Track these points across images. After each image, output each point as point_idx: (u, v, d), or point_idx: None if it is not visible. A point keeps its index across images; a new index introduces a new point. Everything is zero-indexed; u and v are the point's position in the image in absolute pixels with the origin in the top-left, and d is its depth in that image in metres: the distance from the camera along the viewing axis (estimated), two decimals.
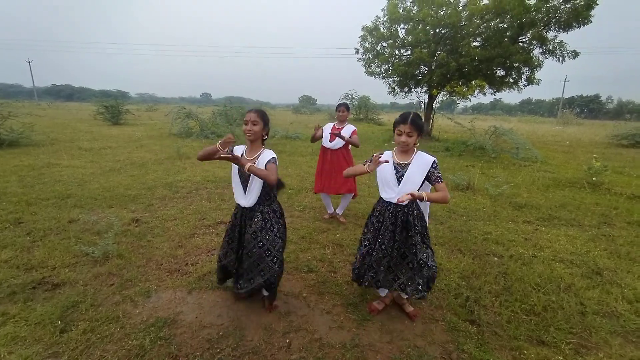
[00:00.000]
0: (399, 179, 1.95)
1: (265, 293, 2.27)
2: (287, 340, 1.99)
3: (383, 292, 2.30)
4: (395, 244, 2.02)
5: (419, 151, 1.99)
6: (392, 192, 1.98)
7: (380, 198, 2.10)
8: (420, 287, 1.99)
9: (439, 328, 2.16)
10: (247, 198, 2.06)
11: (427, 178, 1.93)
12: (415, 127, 1.85)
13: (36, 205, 4.10)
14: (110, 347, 1.88)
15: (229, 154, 1.81)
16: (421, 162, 1.93)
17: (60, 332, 1.97)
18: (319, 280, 2.66)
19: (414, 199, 1.82)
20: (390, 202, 2.01)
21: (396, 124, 1.91)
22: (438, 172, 1.92)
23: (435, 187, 1.94)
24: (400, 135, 1.89)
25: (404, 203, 1.84)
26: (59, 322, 2.05)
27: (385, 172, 2.00)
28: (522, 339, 2.06)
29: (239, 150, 2.11)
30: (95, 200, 4.40)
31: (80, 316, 2.12)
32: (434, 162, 1.92)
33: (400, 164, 1.97)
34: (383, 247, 2.04)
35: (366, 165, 1.88)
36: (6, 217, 3.65)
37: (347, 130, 3.67)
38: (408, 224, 1.99)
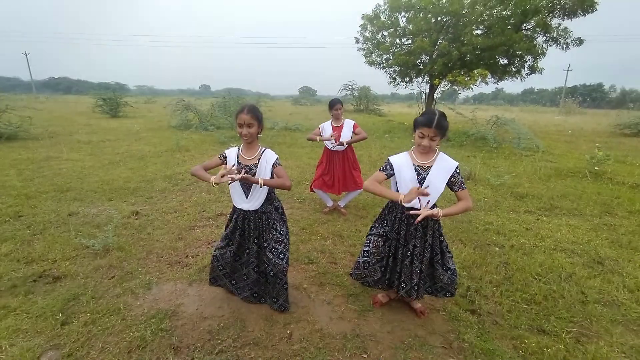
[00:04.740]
0: (420, 183, 1.79)
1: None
2: (288, 331, 1.99)
3: None
4: (426, 251, 1.91)
5: (441, 152, 1.83)
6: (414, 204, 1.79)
7: (398, 204, 1.86)
8: (450, 289, 1.98)
9: (439, 318, 2.16)
10: (250, 202, 1.99)
11: (450, 184, 1.80)
12: (440, 130, 1.69)
13: (36, 199, 4.09)
14: (112, 339, 1.88)
15: (238, 172, 1.77)
16: (444, 165, 1.79)
17: (62, 324, 1.97)
18: (320, 272, 2.66)
19: (432, 217, 1.70)
20: (413, 207, 1.81)
21: (419, 124, 1.73)
22: (461, 178, 1.80)
23: (458, 195, 1.82)
24: (422, 138, 1.72)
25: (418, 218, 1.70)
26: (60, 314, 2.05)
27: (405, 176, 1.81)
28: (523, 328, 2.07)
29: (232, 152, 1.99)
30: (94, 193, 4.39)
31: (81, 308, 2.13)
32: (457, 167, 1.80)
33: (422, 166, 1.81)
34: (409, 253, 1.92)
35: (402, 197, 1.65)
36: (6, 211, 3.64)
37: (347, 126, 3.61)
38: (433, 230, 1.90)
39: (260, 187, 1.90)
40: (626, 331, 2.07)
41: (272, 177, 1.95)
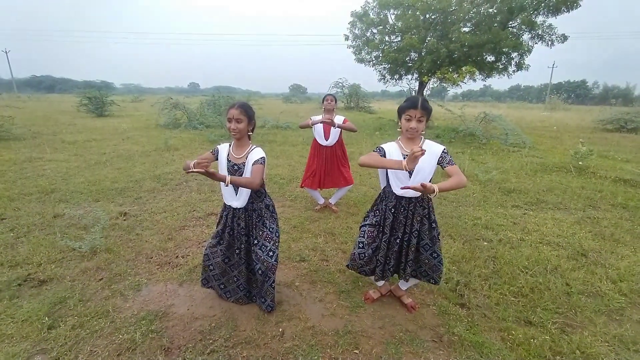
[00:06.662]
0: (410, 171, 1.82)
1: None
2: (280, 329, 1.99)
3: (380, 282, 2.29)
4: (413, 237, 1.94)
5: (426, 139, 1.86)
6: (404, 185, 1.81)
7: (389, 192, 1.97)
8: (434, 276, 2.00)
9: (429, 312, 2.19)
10: (239, 199, 1.98)
11: (439, 163, 1.82)
12: (426, 111, 1.73)
13: (19, 201, 3.97)
14: (100, 341, 1.85)
15: (203, 168, 1.61)
16: (431, 150, 1.81)
17: (48, 328, 1.93)
18: (311, 269, 2.66)
19: (427, 192, 1.59)
20: (403, 196, 1.89)
21: (403, 109, 1.76)
22: (449, 157, 1.80)
23: (448, 171, 1.78)
24: (409, 120, 1.75)
25: (414, 191, 1.70)
26: (47, 318, 2.00)
27: None
28: (510, 320, 2.11)
29: (224, 148, 1.98)
30: (80, 194, 4.29)
31: (69, 312, 2.08)
32: (444, 149, 1.82)
33: None
34: (397, 240, 1.97)
35: (404, 163, 1.64)
36: None
37: (337, 121, 3.63)
38: (421, 217, 1.92)
39: (227, 186, 1.79)
40: (609, 321, 2.14)
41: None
